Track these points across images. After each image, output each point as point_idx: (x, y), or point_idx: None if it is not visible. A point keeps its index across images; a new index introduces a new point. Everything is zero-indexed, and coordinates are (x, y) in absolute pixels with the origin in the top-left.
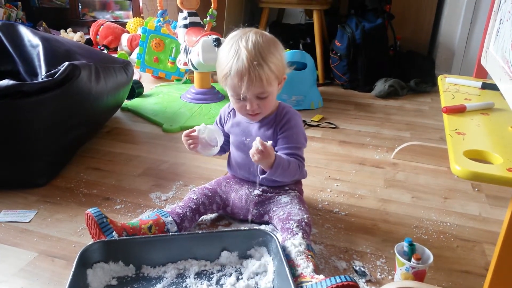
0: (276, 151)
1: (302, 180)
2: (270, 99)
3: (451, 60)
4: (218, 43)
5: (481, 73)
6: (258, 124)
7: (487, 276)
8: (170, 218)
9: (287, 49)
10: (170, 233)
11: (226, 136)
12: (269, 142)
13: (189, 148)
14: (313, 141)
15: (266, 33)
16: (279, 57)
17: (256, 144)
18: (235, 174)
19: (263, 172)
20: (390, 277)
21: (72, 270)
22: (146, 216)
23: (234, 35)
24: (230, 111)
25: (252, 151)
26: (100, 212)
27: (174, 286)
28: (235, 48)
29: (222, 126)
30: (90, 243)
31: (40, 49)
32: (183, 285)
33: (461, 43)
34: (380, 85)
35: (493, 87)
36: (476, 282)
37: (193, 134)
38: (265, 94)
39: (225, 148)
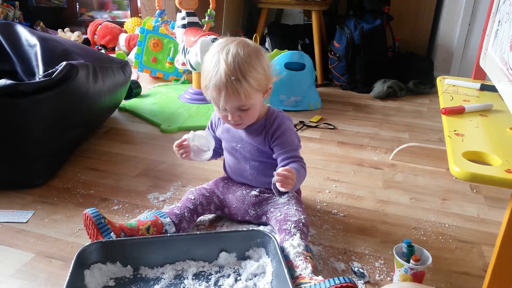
0: (276, 158)
1: None
2: (253, 110)
3: (450, 61)
4: None
5: (480, 74)
6: (247, 129)
7: (486, 277)
8: (168, 219)
9: (286, 50)
10: (168, 234)
11: (218, 141)
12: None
13: (182, 157)
14: (311, 142)
15: (250, 42)
16: (261, 70)
17: (282, 172)
18: (231, 178)
19: (282, 193)
20: (388, 278)
21: (70, 271)
22: (144, 217)
23: (218, 44)
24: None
25: (278, 179)
26: (98, 213)
27: (172, 287)
28: (215, 60)
29: (214, 132)
30: (88, 243)
31: (38, 48)
32: (181, 286)
33: (460, 44)
34: (379, 86)
35: (492, 89)
36: (475, 283)
37: (184, 143)
38: (246, 106)
39: (219, 152)
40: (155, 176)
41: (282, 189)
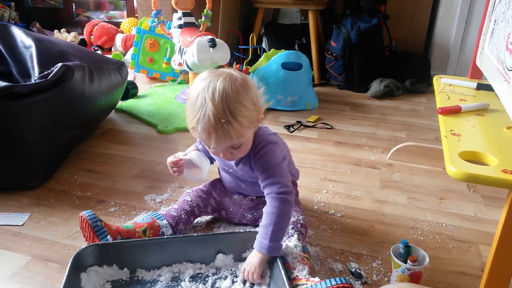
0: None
1: (298, 182)
2: (245, 146)
3: (447, 60)
4: (213, 43)
5: (476, 73)
6: (235, 161)
7: (483, 277)
8: (165, 221)
9: (282, 50)
10: (165, 236)
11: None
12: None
13: (174, 175)
14: (308, 141)
15: (237, 75)
16: (251, 106)
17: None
18: (228, 189)
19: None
20: (386, 278)
21: (66, 274)
22: (141, 219)
23: (203, 78)
24: None
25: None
26: (94, 215)
27: None
28: (201, 100)
29: (205, 148)
30: (84, 246)
31: (33, 50)
32: None
33: (456, 43)
34: (376, 86)
35: (488, 88)
36: (472, 283)
37: (180, 162)
38: (237, 144)
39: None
40: (152, 177)
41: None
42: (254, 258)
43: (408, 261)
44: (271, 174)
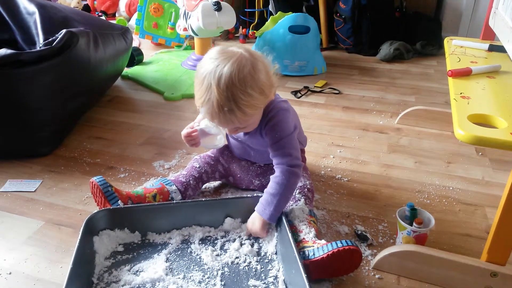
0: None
1: (305, 148)
2: (252, 125)
3: (459, 21)
4: (218, 7)
5: (489, 34)
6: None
7: (488, 238)
8: (174, 187)
9: (290, 12)
10: (174, 201)
11: None
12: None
13: (191, 147)
14: (316, 107)
15: (247, 58)
16: (258, 94)
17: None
18: (236, 156)
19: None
20: (391, 241)
21: (79, 237)
22: (150, 185)
23: (210, 58)
24: None
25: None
26: (104, 181)
27: (179, 252)
28: (207, 83)
29: None
30: (96, 211)
31: (37, 16)
32: (188, 251)
33: (469, 3)
34: (385, 49)
35: (501, 49)
36: (477, 244)
37: (193, 134)
38: (244, 124)
39: None
40: (160, 144)
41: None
42: (256, 222)
43: (414, 224)
44: (283, 145)
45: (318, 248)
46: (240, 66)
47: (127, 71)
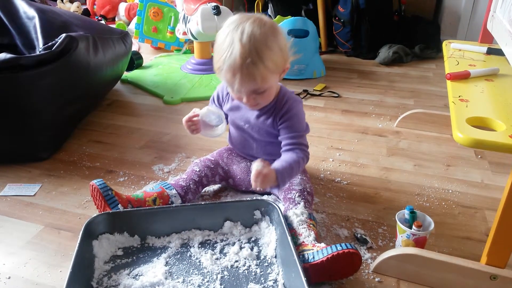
0: (280, 141)
1: None
2: (268, 92)
3: (457, 24)
4: (217, 11)
5: (487, 38)
6: (257, 112)
7: (487, 241)
8: (174, 191)
9: (289, 16)
10: (174, 205)
11: (225, 115)
12: (257, 166)
13: (192, 133)
14: (315, 110)
15: (266, 20)
16: (278, 51)
17: (253, 174)
18: (236, 151)
19: (275, 186)
20: (391, 244)
21: (78, 241)
22: (150, 189)
23: (232, 21)
24: (228, 93)
25: (252, 180)
26: (105, 184)
27: (179, 255)
28: (229, 40)
29: (220, 105)
30: (95, 215)
31: (37, 21)
32: (188, 254)
33: (467, 6)
34: (384, 52)
35: (499, 52)
36: (477, 247)
37: (194, 118)
38: (261, 89)
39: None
40: (159, 147)
41: (257, 185)
42: (266, 168)
43: (413, 227)
44: (299, 138)
45: (318, 251)
46: (261, 23)
47: (126, 75)
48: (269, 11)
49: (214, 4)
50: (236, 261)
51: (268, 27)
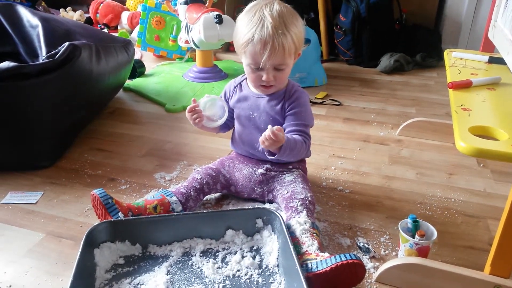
0: (284, 128)
1: (306, 159)
2: (286, 72)
3: (458, 33)
4: (219, 20)
5: (489, 46)
6: (267, 98)
7: (491, 251)
8: (175, 198)
9: None
10: (175, 213)
11: (230, 112)
12: (276, 127)
13: (194, 123)
14: (317, 119)
15: (285, 3)
16: (300, 30)
17: (268, 132)
18: (239, 151)
19: (271, 154)
20: (394, 253)
21: (80, 250)
22: (151, 196)
23: (255, 4)
24: (236, 85)
25: (262, 138)
26: (105, 193)
27: (180, 264)
28: (259, 15)
29: (227, 102)
30: (97, 223)
31: (40, 29)
32: (189, 263)
33: (469, 15)
34: (386, 60)
35: (500, 61)
36: (480, 257)
37: (196, 108)
38: (283, 66)
39: (229, 125)
40: (161, 155)
41: (265, 144)
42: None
43: (416, 236)
44: (304, 126)
45: (322, 261)
46: (285, 5)
47: (129, 83)
48: None
49: (216, 13)
50: (238, 270)
51: (290, 9)
